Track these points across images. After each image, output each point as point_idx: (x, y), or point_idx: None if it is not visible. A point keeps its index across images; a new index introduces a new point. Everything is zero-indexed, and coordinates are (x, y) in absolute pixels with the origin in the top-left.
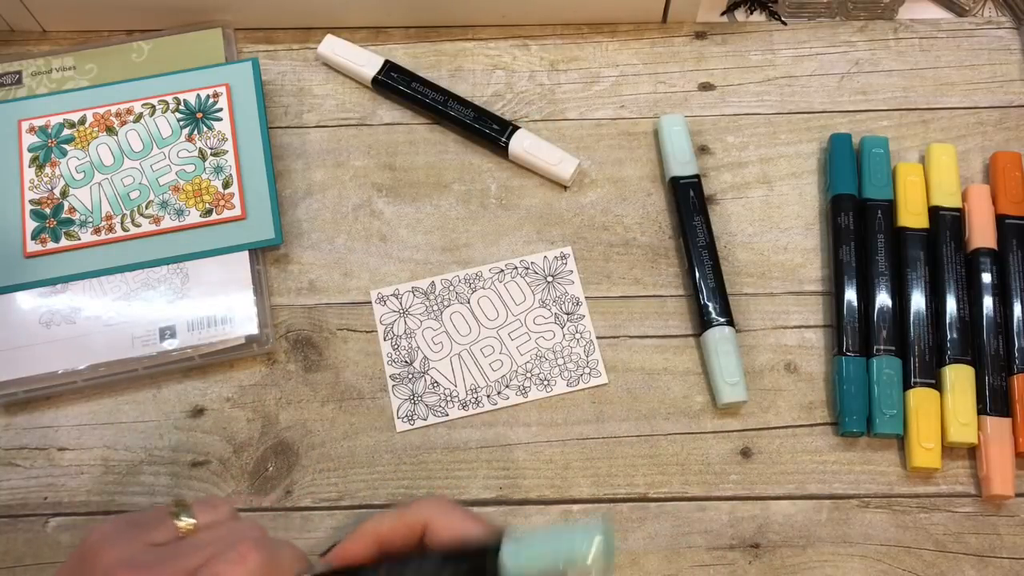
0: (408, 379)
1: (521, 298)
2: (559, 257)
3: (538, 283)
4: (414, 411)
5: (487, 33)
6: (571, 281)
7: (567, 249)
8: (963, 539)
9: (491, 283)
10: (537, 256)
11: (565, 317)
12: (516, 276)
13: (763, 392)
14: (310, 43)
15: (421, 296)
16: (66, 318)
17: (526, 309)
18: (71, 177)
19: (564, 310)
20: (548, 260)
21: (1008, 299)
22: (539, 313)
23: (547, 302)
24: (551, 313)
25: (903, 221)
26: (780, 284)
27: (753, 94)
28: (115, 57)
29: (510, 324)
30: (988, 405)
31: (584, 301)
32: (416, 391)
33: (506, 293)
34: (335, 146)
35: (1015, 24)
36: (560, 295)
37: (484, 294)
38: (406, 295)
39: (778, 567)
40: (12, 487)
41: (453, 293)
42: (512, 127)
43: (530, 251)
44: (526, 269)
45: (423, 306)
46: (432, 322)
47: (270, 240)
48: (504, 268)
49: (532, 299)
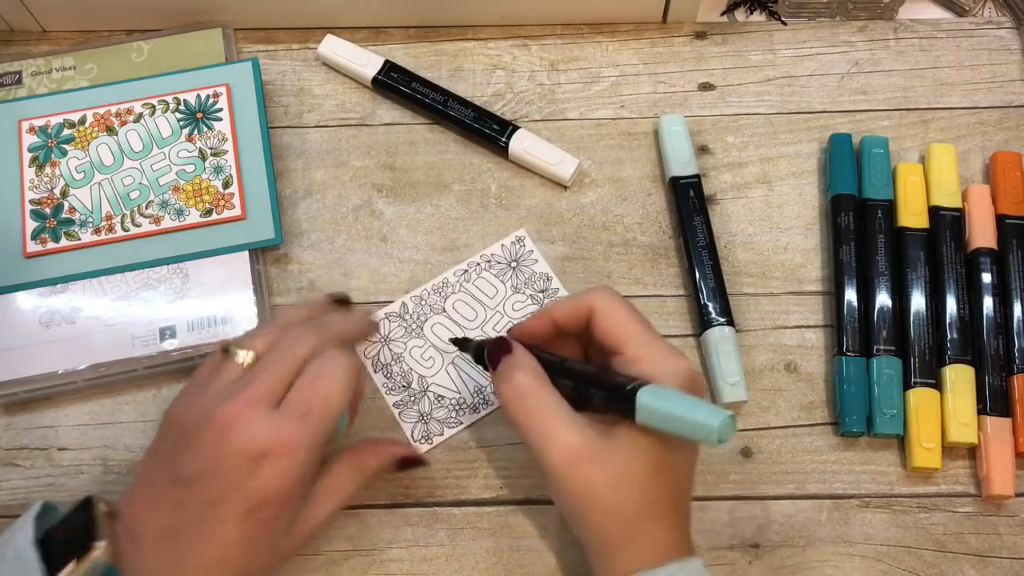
0: (412, 402)
1: (493, 291)
2: (516, 241)
3: (504, 271)
4: (428, 430)
5: (487, 33)
6: (535, 260)
7: (520, 232)
8: (963, 539)
9: (459, 285)
10: (495, 247)
11: (541, 295)
12: (481, 272)
13: (763, 392)
14: (310, 43)
15: (396, 319)
16: (66, 318)
17: (501, 300)
18: (71, 177)
19: (538, 288)
20: (507, 247)
21: (1008, 299)
22: (515, 300)
23: (519, 286)
24: (526, 296)
25: (903, 221)
26: (780, 284)
27: (753, 94)
28: (115, 57)
29: (491, 319)
30: (988, 405)
31: (553, 276)
32: (423, 411)
33: (477, 291)
34: (335, 146)
35: (1015, 24)
36: (529, 276)
37: (457, 298)
38: (382, 323)
39: (778, 567)
40: (12, 487)
41: (426, 306)
42: (512, 127)
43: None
44: (488, 262)
45: (401, 328)
46: (416, 340)
47: (270, 240)
48: (467, 268)
49: (504, 288)
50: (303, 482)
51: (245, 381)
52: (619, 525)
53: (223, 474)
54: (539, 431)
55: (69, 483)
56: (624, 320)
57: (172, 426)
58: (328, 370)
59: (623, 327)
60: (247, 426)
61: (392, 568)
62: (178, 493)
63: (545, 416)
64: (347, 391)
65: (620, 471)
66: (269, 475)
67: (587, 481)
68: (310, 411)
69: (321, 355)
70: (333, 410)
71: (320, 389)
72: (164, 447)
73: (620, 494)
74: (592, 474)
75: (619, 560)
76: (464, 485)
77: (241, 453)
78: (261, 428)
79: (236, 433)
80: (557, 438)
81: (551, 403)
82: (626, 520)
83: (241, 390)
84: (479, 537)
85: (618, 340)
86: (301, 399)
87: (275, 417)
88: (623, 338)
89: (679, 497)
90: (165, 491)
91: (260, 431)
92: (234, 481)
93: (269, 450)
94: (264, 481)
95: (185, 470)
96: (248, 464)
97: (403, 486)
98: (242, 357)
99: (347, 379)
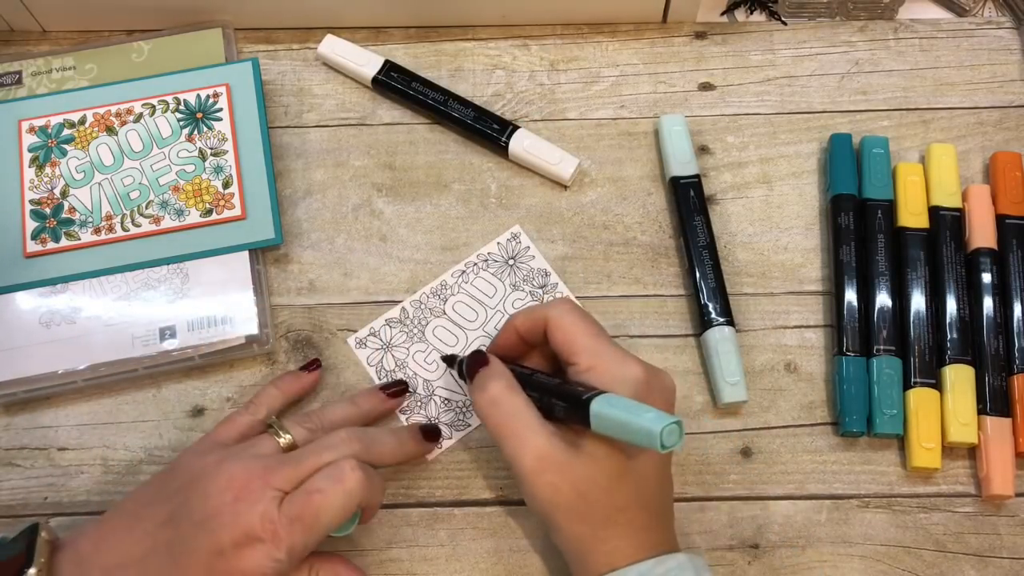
0: (419, 407)
1: (492, 290)
2: (511, 238)
3: (502, 269)
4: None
5: (487, 33)
6: (532, 256)
7: (516, 228)
8: (963, 539)
9: (458, 286)
10: (491, 245)
11: (540, 291)
12: (479, 271)
13: (763, 392)
14: (310, 43)
15: (398, 325)
16: (66, 318)
17: (501, 298)
18: (71, 177)
19: (537, 284)
20: (502, 245)
21: (1008, 299)
22: (515, 297)
23: (518, 283)
24: (526, 292)
25: (903, 221)
26: (780, 284)
27: (753, 94)
28: (115, 57)
29: (492, 318)
30: (988, 405)
31: (551, 271)
32: (431, 415)
33: (476, 291)
34: (335, 146)
35: (1015, 24)
36: (527, 273)
37: (456, 299)
38: (383, 330)
39: (778, 567)
40: (12, 487)
41: (426, 310)
42: (512, 127)
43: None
44: (485, 261)
45: (403, 333)
46: (418, 344)
47: (270, 240)
48: (465, 268)
49: (503, 287)
50: (272, 575)
51: (271, 463)
52: (586, 529)
53: (212, 531)
54: (512, 438)
55: (69, 483)
56: (577, 331)
57: (186, 470)
58: (330, 488)
59: (576, 338)
60: (254, 504)
61: (392, 568)
62: (166, 532)
63: (517, 424)
64: (341, 512)
65: (584, 478)
66: (248, 554)
67: (554, 487)
68: (300, 519)
69: (334, 467)
70: (320, 526)
71: (314, 503)
72: (169, 485)
73: (586, 500)
74: (558, 481)
75: (589, 562)
76: (464, 485)
77: (237, 524)
78: (261, 510)
79: (243, 504)
80: (528, 445)
81: (523, 411)
82: (592, 525)
83: (265, 469)
84: (479, 537)
85: (571, 351)
86: (294, 504)
87: (277, 510)
88: (576, 348)
89: (647, 500)
90: (149, 524)
91: (260, 512)
92: (217, 543)
93: (259, 535)
94: (241, 558)
95: (184, 510)
96: (238, 536)
97: (403, 486)
98: (281, 439)
99: (344, 503)
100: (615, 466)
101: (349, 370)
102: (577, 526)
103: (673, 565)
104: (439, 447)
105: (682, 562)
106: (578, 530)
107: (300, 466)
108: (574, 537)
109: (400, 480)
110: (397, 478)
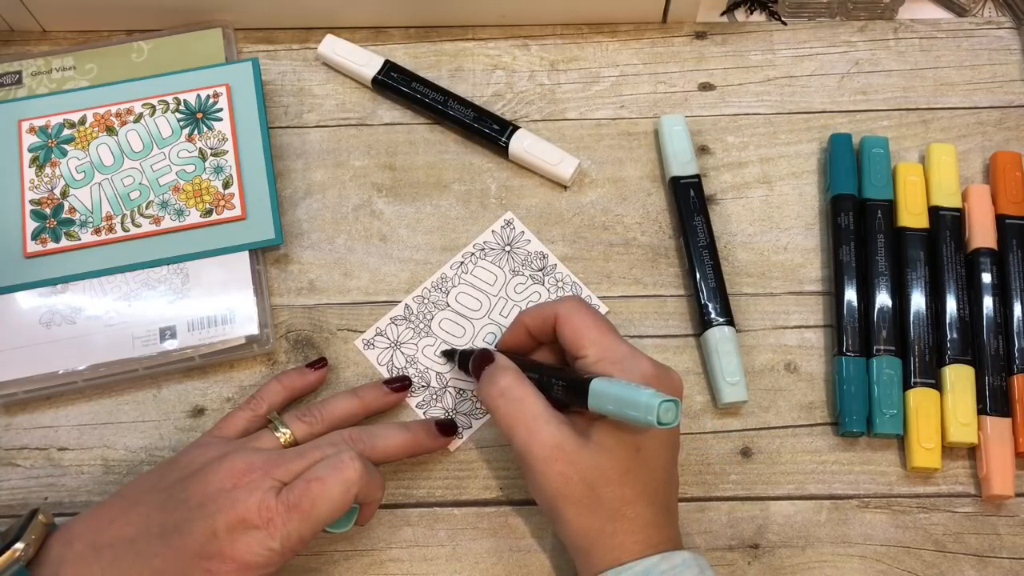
0: (434, 400)
1: (492, 278)
2: (504, 225)
3: (500, 256)
4: (457, 424)
5: (487, 33)
6: (528, 240)
7: (508, 215)
8: (963, 539)
9: (458, 278)
10: (485, 234)
11: (540, 274)
12: (477, 261)
13: (763, 392)
14: (310, 43)
15: (403, 322)
16: (66, 318)
17: (502, 284)
18: (71, 177)
19: (536, 268)
20: (497, 233)
21: (1008, 299)
22: (516, 282)
23: (517, 268)
24: (526, 276)
25: (903, 221)
26: (780, 284)
27: (753, 94)
28: (115, 57)
29: (496, 305)
30: (988, 405)
31: (548, 252)
32: (447, 408)
33: (477, 280)
34: (335, 146)
35: (1015, 24)
36: (525, 257)
37: (459, 290)
38: (389, 329)
39: (777, 567)
40: (12, 487)
41: (430, 304)
42: (512, 127)
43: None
44: (482, 250)
45: (410, 330)
46: (427, 339)
47: (270, 240)
48: (463, 259)
49: (503, 273)
50: (264, 564)
51: (272, 456)
52: (594, 522)
53: (207, 515)
54: (522, 428)
55: (69, 483)
56: (586, 327)
57: (187, 463)
58: (329, 476)
59: (585, 332)
60: (252, 491)
61: (392, 568)
62: (161, 515)
63: (527, 415)
64: (339, 501)
65: (594, 468)
66: (241, 539)
67: (564, 478)
68: (297, 507)
69: (333, 457)
70: (317, 515)
71: (312, 491)
72: (169, 476)
73: (594, 491)
74: (568, 471)
75: (595, 556)
76: (464, 485)
77: (234, 509)
78: (258, 498)
79: (241, 491)
80: (540, 435)
81: (533, 402)
82: (600, 518)
83: (264, 461)
84: (479, 537)
85: (580, 344)
86: (293, 492)
87: (274, 499)
88: (585, 343)
89: (654, 495)
90: (144, 508)
91: (257, 499)
92: (211, 526)
93: (255, 521)
94: (234, 542)
95: (182, 496)
96: (233, 520)
97: (403, 486)
98: (280, 435)
99: (342, 493)
100: (624, 458)
101: (349, 370)
102: (585, 519)
103: (678, 562)
104: (460, 437)
105: (687, 559)
106: (585, 523)
107: (301, 460)
108: (581, 530)
109: (400, 480)
110: (397, 478)
